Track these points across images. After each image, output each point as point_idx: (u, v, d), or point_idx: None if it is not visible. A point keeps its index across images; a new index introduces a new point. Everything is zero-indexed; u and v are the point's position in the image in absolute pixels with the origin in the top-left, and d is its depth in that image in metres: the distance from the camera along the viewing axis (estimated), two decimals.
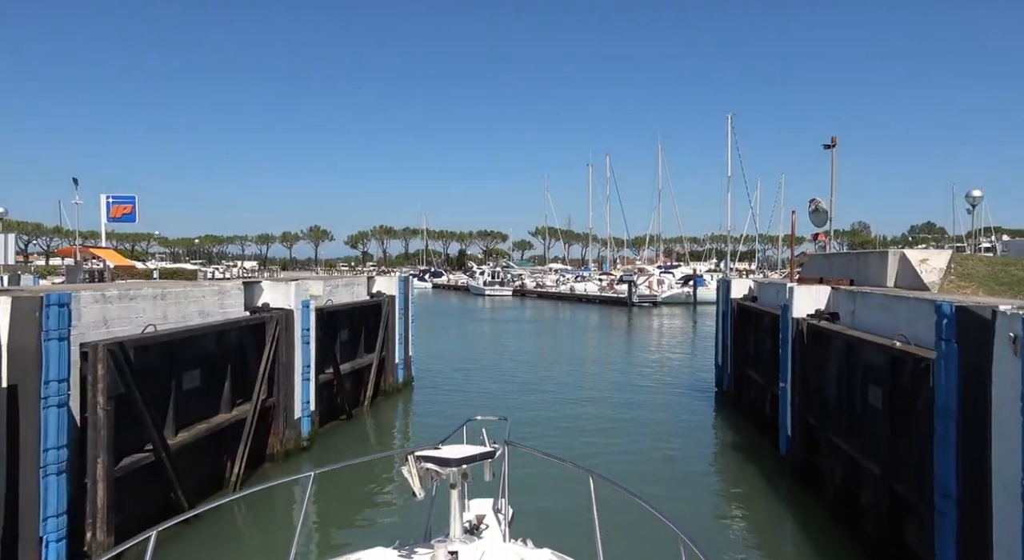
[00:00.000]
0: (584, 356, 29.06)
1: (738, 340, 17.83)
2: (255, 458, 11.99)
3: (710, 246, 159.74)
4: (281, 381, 12.87)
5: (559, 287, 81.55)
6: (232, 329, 11.77)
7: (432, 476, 4.00)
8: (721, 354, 19.58)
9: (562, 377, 23.12)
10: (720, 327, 19.86)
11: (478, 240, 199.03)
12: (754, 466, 12.85)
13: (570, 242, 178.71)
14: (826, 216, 17.09)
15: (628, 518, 6.50)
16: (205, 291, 11.38)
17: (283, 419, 12.94)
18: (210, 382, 11.15)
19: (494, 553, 3.92)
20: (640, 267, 77.30)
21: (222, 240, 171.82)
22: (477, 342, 33.94)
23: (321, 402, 14.96)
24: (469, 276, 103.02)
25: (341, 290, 17.33)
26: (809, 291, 12.14)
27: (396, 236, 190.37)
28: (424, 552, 3.81)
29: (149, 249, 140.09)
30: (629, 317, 53.01)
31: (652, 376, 23.66)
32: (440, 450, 4.06)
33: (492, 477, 4.35)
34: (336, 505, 10.57)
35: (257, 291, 13.23)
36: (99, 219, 38.00)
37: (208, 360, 11.12)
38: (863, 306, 10.12)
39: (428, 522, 4.75)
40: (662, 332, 40.80)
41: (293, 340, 13.24)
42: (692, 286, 67.58)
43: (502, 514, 4.67)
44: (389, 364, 19.46)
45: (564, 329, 42.45)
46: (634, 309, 61.20)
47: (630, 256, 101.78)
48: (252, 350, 12.50)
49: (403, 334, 20.10)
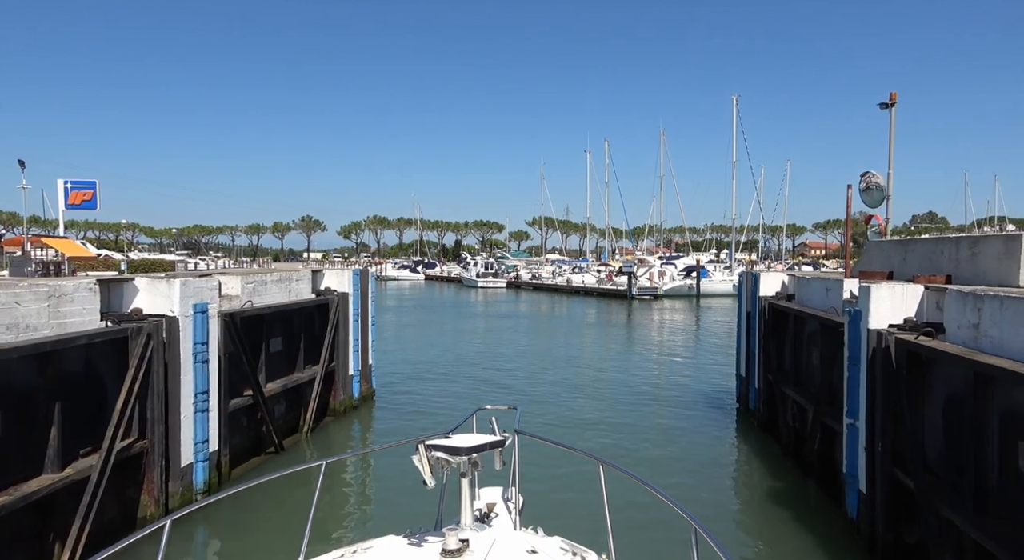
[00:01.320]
0: (579, 360, 25.48)
1: (770, 349, 14.31)
2: (95, 535, 8.40)
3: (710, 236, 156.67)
4: (155, 417, 9.31)
5: (555, 279, 78.02)
6: (69, 349, 8.19)
7: (443, 465, 3.93)
8: (745, 364, 16.07)
9: (553, 389, 19.54)
10: (744, 330, 16.32)
11: (474, 230, 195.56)
12: (807, 533, 9.31)
13: (568, 232, 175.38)
14: (883, 194, 13.50)
15: (639, 506, 7.16)
16: (21, 295, 7.79)
17: (160, 469, 9.39)
18: (25, 425, 7.61)
19: (505, 541, 3.86)
20: (640, 258, 73.67)
21: (211, 230, 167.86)
22: (460, 342, 30.38)
23: (234, 435, 11.44)
24: (463, 267, 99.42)
25: (271, 288, 13.72)
26: (893, 291, 8.58)
27: (390, 226, 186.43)
28: (435, 540, 3.77)
29: (135, 239, 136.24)
30: (629, 311, 49.48)
31: (657, 388, 20.13)
32: (451, 439, 4.04)
33: (502, 466, 4.24)
34: (347, 494, 10.48)
35: (125, 293, 9.65)
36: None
37: (25, 395, 7.59)
38: (1003, 318, 6.56)
39: (439, 510, 4.76)
40: (665, 329, 37.29)
41: (177, 358, 9.68)
42: (695, 278, 64.11)
43: (512, 502, 4.63)
44: (341, 377, 15.91)
45: (559, 326, 38.86)
46: (634, 302, 57.69)
47: (629, 247, 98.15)
48: (109, 376, 8.94)
49: (359, 339, 16.55)
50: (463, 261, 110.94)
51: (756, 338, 15.13)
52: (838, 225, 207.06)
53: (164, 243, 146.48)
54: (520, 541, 3.92)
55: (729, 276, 68.04)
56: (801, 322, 12.88)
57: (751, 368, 15.44)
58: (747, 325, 16.05)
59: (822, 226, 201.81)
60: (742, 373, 16.40)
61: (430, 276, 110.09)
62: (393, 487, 10.74)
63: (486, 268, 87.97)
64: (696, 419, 15.83)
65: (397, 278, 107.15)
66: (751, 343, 15.48)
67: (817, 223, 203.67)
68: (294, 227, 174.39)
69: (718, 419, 15.93)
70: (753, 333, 15.34)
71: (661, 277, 66.22)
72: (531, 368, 23.17)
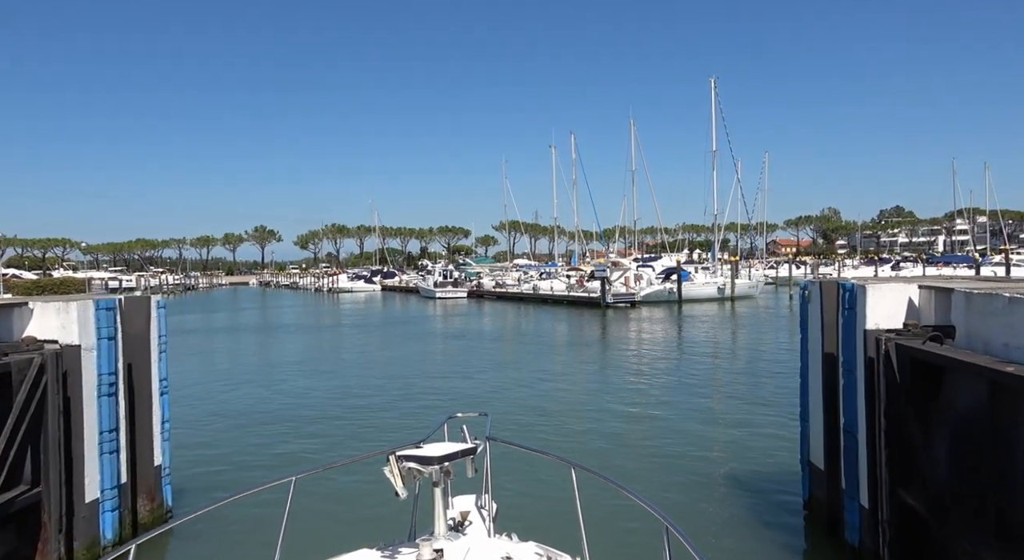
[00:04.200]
0: (545, 411, 17.74)
1: (903, 435, 7.00)
2: None
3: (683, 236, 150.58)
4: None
5: (521, 286, 70.69)
6: None
7: (414, 475, 3.91)
8: (828, 455, 8.71)
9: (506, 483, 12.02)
10: (823, 392, 8.91)
11: (439, 236, 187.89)
12: None
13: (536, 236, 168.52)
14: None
15: (612, 507, 7.78)
16: None
17: None
18: None
19: (479, 549, 3.90)
20: (614, 260, 66.57)
21: (156, 244, 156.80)
22: (383, 383, 22.66)
23: None
24: (420, 276, 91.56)
25: None
26: None
27: (350, 234, 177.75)
28: (409, 551, 3.81)
29: (66, 255, 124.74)
30: (603, 323, 42.21)
31: (659, 467, 12.69)
32: (421, 448, 4.03)
33: (475, 473, 4.28)
34: (318, 508, 9.97)
35: None
36: None
37: None
38: None
39: (412, 521, 4.68)
40: (646, 346, 30.01)
41: None
42: (676, 281, 57.22)
43: (486, 510, 4.59)
44: (56, 511, 8.19)
45: (521, 351, 31.12)
46: (608, 311, 50.56)
47: (600, 249, 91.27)
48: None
49: (110, 428, 8.82)
50: (424, 269, 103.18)
51: (859, 413, 7.78)
52: (810, 221, 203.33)
53: (100, 260, 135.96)
54: (495, 548, 3.95)
55: (712, 278, 61.28)
56: (1001, 392, 5.59)
57: (851, 468, 8.06)
58: (830, 382, 8.68)
59: (793, 223, 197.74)
60: (818, 465, 9.06)
61: (387, 286, 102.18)
62: (365, 500, 10.04)
63: (445, 276, 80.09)
64: (737, 543, 8.50)
65: (351, 289, 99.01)
66: (848, 419, 8.10)
67: (788, 220, 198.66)
68: (247, 238, 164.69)
69: (773, 553, 8.59)
70: (852, 402, 7.96)
71: (638, 281, 59.25)
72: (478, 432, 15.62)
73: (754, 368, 22.72)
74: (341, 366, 26.30)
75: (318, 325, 47.64)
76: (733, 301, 57.35)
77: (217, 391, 20.92)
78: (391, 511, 6.32)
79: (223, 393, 20.53)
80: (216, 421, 16.59)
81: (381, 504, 9.12)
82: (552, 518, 6.66)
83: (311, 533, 9.44)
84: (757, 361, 24.38)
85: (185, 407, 17.14)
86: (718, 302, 57.50)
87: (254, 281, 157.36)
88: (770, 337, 32.23)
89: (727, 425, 15.02)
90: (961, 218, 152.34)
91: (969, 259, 72.10)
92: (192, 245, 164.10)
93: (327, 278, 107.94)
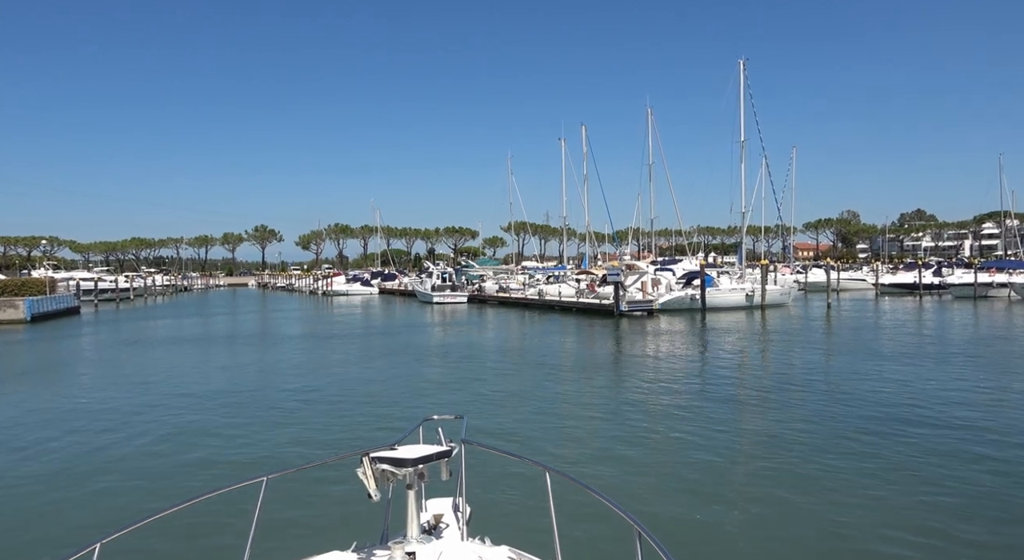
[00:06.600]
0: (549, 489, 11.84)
1: None
2: None
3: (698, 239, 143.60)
4: None
5: (526, 291, 64.57)
6: None
7: (388, 477, 3.90)
8: None
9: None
10: None
11: (446, 237, 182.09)
12: None
13: (546, 237, 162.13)
14: None
15: (585, 511, 7.55)
16: None
17: None
18: None
19: (452, 552, 3.86)
20: (629, 264, 60.26)
21: (152, 243, 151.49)
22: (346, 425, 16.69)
23: None
24: (419, 279, 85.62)
25: None
26: None
27: (353, 235, 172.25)
28: (381, 554, 3.79)
29: (54, 252, 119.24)
30: (617, 337, 36.03)
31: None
32: (396, 450, 4.01)
33: (449, 476, 4.22)
34: (289, 509, 9.71)
35: None
36: None
37: None
38: None
39: (385, 524, 4.59)
40: (669, 372, 23.83)
41: None
42: (699, 287, 50.93)
43: (460, 513, 4.54)
44: None
45: (520, 378, 25.03)
46: (622, 321, 44.38)
47: (612, 251, 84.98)
48: None
49: None
50: (426, 270, 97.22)
51: None
52: (829, 224, 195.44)
53: (90, 259, 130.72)
54: (467, 552, 3.91)
55: (740, 284, 54.90)
56: None
57: None
58: None
59: (813, 225, 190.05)
60: None
61: (386, 289, 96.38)
62: (337, 501, 9.94)
63: (443, 279, 73.97)
64: None
65: (347, 293, 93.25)
66: None
67: (808, 222, 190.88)
68: (247, 238, 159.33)
69: None
70: None
71: (655, 287, 52.99)
72: None
73: (835, 411, 16.48)
74: (265, 397, 20.32)
75: (286, 335, 41.68)
76: (764, 310, 51.03)
77: (50, 438, 14.97)
78: (363, 513, 6.23)
79: (53, 440, 14.59)
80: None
81: (353, 505, 8.97)
82: (526, 522, 7.16)
83: (282, 534, 9.02)
84: (834, 396, 18.12)
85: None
86: (746, 311, 51.17)
87: (253, 282, 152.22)
88: (822, 358, 25.97)
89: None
90: (992, 222, 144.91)
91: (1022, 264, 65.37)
92: (190, 245, 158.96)
93: (322, 280, 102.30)
